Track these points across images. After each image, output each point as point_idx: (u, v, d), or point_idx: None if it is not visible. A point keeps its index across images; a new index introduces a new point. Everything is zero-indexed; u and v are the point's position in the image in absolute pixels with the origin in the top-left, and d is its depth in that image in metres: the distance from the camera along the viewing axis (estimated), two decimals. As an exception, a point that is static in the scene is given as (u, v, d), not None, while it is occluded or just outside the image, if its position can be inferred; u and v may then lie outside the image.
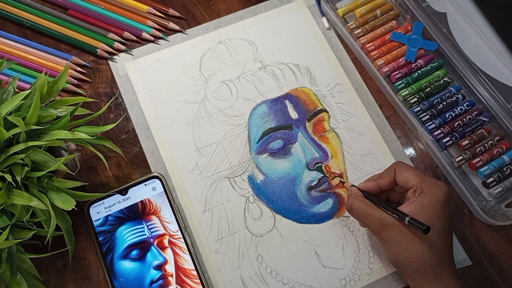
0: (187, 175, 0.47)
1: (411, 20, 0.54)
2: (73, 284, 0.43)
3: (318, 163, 0.48)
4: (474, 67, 0.50)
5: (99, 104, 0.50)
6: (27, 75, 0.49)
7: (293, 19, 0.55)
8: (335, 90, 0.52)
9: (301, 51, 0.53)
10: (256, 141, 0.49)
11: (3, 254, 0.36)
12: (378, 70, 0.52)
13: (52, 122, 0.39)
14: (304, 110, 0.50)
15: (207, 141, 0.49)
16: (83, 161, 0.48)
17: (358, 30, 0.53)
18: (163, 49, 0.53)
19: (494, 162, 0.47)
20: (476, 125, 0.49)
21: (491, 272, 0.45)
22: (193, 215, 0.46)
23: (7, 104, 0.37)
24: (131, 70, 0.51)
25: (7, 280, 0.36)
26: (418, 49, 0.52)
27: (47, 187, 0.37)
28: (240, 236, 0.45)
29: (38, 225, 0.38)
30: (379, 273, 0.44)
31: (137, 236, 0.44)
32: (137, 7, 0.54)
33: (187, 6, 0.55)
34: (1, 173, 0.35)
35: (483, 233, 0.46)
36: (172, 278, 0.42)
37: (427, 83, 0.51)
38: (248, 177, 0.47)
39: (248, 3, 0.55)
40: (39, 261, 0.42)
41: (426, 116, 0.49)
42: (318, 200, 0.47)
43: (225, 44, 0.53)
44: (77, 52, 0.52)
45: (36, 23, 0.52)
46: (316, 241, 0.45)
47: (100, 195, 0.41)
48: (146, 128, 0.49)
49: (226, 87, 0.51)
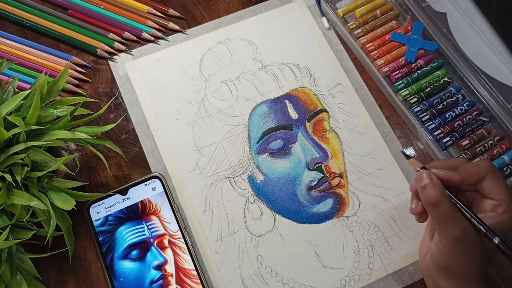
0: (187, 175, 0.47)
1: (411, 20, 0.54)
2: (73, 284, 0.43)
3: (318, 163, 0.48)
4: (474, 67, 0.50)
5: (99, 104, 0.50)
6: (27, 75, 0.49)
7: (293, 19, 0.55)
8: (335, 90, 0.52)
9: (301, 51, 0.53)
10: (256, 141, 0.49)
11: (3, 254, 0.36)
12: (378, 70, 0.52)
13: (52, 122, 0.39)
14: (304, 110, 0.50)
15: (207, 141, 0.49)
16: (83, 161, 0.48)
17: (358, 30, 0.53)
18: (163, 49, 0.53)
19: (494, 162, 0.47)
20: (476, 125, 0.49)
21: (491, 272, 0.45)
22: (193, 215, 0.46)
23: (7, 104, 0.37)
24: (131, 70, 0.51)
25: (7, 280, 0.36)
26: (418, 49, 0.52)
27: (47, 187, 0.37)
28: (240, 236, 0.45)
29: (38, 225, 0.38)
30: (379, 273, 0.44)
31: (137, 236, 0.44)
32: (137, 7, 0.54)
33: (187, 6, 0.55)
34: (1, 173, 0.35)
35: (483, 233, 0.46)
36: (172, 278, 0.42)
37: (427, 83, 0.51)
38: (248, 177, 0.47)
39: (248, 3, 0.55)
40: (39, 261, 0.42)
41: (426, 116, 0.49)
42: (318, 200, 0.47)
43: (225, 44, 0.53)
44: (77, 52, 0.52)
45: (36, 23, 0.52)
46: (316, 241, 0.45)
47: (100, 195, 0.41)
48: (146, 128, 0.49)
49: (226, 87, 0.51)
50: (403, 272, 0.44)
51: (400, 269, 0.44)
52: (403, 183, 0.48)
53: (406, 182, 0.48)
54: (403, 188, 0.48)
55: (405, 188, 0.48)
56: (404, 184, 0.48)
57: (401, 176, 0.48)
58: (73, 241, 0.40)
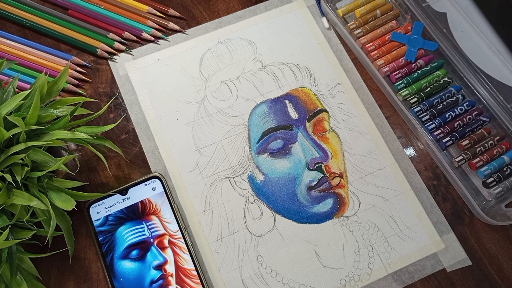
0: (187, 175, 0.47)
1: (411, 20, 0.54)
2: (73, 284, 0.43)
3: (318, 163, 0.48)
4: (474, 67, 0.50)
5: (99, 104, 0.50)
6: (27, 75, 0.49)
7: (293, 19, 0.55)
8: (335, 90, 0.52)
9: (301, 51, 0.53)
10: (256, 141, 0.49)
11: (3, 254, 0.36)
12: (378, 70, 0.52)
13: (52, 122, 0.39)
14: (304, 110, 0.50)
15: (207, 141, 0.49)
16: (83, 161, 0.48)
17: (358, 30, 0.53)
18: (163, 49, 0.53)
19: (494, 162, 0.47)
20: (476, 125, 0.49)
21: (491, 272, 0.45)
22: (193, 215, 0.46)
23: (7, 104, 0.37)
24: (131, 70, 0.51)
25: (7, 280, 0.36)
26: (418, 49, 0.52)
27: (47, 187, 0.37)
28: (240, 236, 0.45)
29: (38, 225, 0.38)
30: (379, 273, 0.44)
31: (137, 236, 0.44)
32: (137, 7, 0.54)
33: (187, 6, 0.55)
34: (1, 173, 0.35)
35: (483, 233, 0.46)
36: (172, 278, 0.42)
37: (427, 83, 0.51)
38: (248, 177, 0.47)
39: (248, 3, 0.55)
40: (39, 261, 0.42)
41: (426, 116, 0.49)
42: (318, 200, 0.47)
43: (225, 44, 0.53)
44: (77, 52, 0.52)
45: (36, 23, 0.52)
46: (316, 241, 0.45)
47: (100, 195, 0.41)
48: (146, 128, 0.49)
49: (226, 87, 0.51)
50: (403, 272, 0.44)
51: (400, 269, 0.44)
52: (403, 183, 0.48)
53: (406, 182, 0.48)
54: (403, 188, 0.48)
55: (405, 188, 0.48)
56: (404, 184, 0.48)
57: (401, 176, 0.48)
58: (73, 241, 0.40)
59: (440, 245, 0.45)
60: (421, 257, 0.45)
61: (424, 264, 0.45)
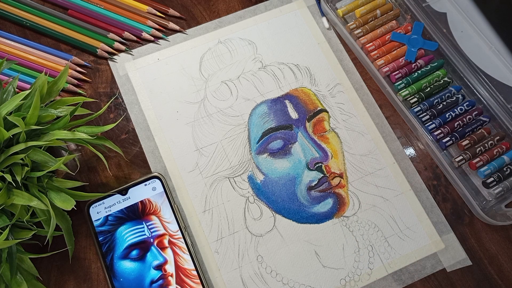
0: (187, 175, 0.47)
1: (411, 20, 0.54)
2: (73, 284, 0.43)
3: (318, 163, 0.48)
4: (474, 67, 0.50)
5: (99, 104, 0.50)
6: (27, 75, 0.49)
7: (293, 19, 0.55)
8: (335, 90, 0.52)
9: (301, 51, 0.53)
10: (256, 141, 0.49)
11: (3, 254, 0.36)
12: (378, 70, 0.52)
13: (52, 122, 0.39)
14: (304, 110, 0.50)
15: (207, 141, 0.49)
16: (83, 161, 0.48)
17: (358, 30, 0.53)
18: (163, 49, 0.53)
19: (494, 162, 0.47)
20: (476, 125, 0.49)
21: (491, 272, 0.45)
22: (193, 215, 0.46)
23: (7, 104, 0.37)
24: (131, 70, 0.51)
25: (7, 280, 0.36)
26: (418, 49, 0.52)
27: (47, 187, 0.37)
28: (240, 236, 0.45)
29: (38, 225, 0.38)
30: (379, 273, 0.44)
31: (137, 236, 0.44)
32: (137, 7, 0.54)
33: (187, 6, 0.55)
34: (1, 173, 0.35)
35: (483, 233, 0.46)
36: (172, 278, 0.42)
37: (427, 83, 0.51)
38: (248, 177, 0.47)
39: (248, 3, 0.55)
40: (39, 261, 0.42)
41: (426, 116, 0.49)
42: (318, 200, 0.47)
43: (225, 44, 0.53)
44: (77, 52, 0.52)
45: (36, 23, 0.52)
46: (316, 241, 0.45)
47: (100, 195, 0.40)
48: (146, 128, 0.49)
49: (226, 87, 0.51)
50: (403, 272, 0.44)
51: (400, 269, 0.44)
52: (403, 183, 0.48)
53: (406, 182, 0.48)
54: (403, 188, 0.48)
55: (405, 188, 0.48)
56: (404, 184, 0.48)
57: (401, 176, 0.48)
58: (73, 241, 0.40)
59: (440, 245, 0.45)
60: (421, 257, 0.45)
61: (424, 264, 0.45)
